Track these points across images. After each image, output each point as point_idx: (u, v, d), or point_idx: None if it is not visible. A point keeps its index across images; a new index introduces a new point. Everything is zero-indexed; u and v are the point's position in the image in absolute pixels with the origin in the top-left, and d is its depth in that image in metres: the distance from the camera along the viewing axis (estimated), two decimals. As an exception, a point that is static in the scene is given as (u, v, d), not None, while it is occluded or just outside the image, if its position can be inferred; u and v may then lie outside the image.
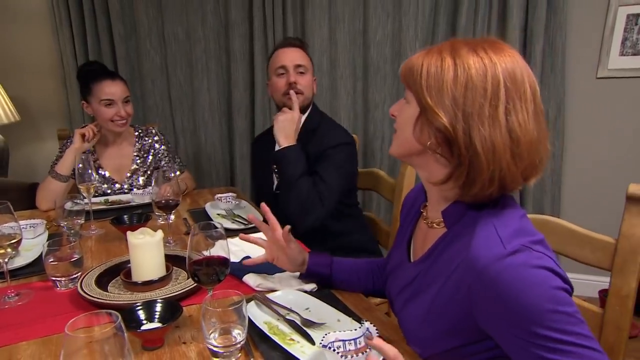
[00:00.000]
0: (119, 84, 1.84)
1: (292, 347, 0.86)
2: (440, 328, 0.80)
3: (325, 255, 1.15)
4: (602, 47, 2.30)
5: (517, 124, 0.73)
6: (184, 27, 2.76)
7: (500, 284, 0.68)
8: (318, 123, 1.69)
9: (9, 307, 1.05)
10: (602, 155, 2.43)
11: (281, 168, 1.54)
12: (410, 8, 2.46)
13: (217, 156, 2.93)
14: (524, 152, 0.73)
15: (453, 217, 0.83)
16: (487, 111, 0.72)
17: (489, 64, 0.73)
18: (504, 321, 0.70)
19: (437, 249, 0.85)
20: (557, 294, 0.67)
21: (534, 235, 0.74)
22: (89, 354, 0.57)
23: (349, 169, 1.63)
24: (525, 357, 0.69)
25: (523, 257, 0.69)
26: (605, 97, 2.36)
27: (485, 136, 0.72)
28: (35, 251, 1.31)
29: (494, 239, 0.72)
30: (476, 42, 0.77)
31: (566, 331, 0.66)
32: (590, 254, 1.10)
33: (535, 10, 2.26)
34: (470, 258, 0.72)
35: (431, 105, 0.75)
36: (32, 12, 2.84)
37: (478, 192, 0.76)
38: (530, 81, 0.75)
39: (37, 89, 2.94)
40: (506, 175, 0.74)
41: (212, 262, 0.92)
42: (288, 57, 1.65)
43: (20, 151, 2.97)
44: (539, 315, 0.66)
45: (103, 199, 1.83)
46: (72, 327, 0.57)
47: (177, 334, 0.94)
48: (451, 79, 0.73)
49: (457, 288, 0.76)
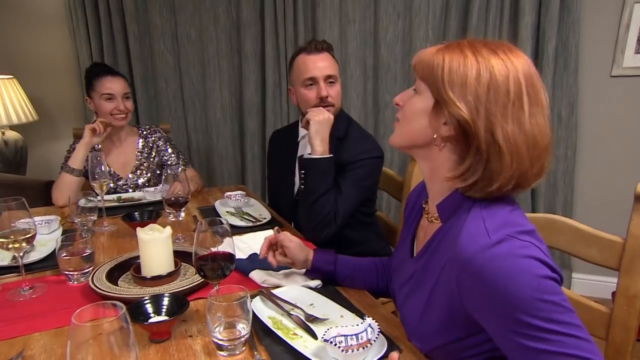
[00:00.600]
0: (119, 80, 1.93)
1: (295, 341, 0.88)
2: (438, 322, 0.81)
3: (330, 253, 1.16)
4: (617, 45, 2.27)
5: (535, 125, 0.75)
6: (197, 27, 2.80)
7: (485, 274, 0.69)
8: (345, 132, 1.60)
9: (24, 299, 1.08)
10: (616, 155, 2.39)
11: (308, 178, 1.44)
12: (421, 8, 2.46)
13: (228, 155, 2.96)
14: (541, 155, 0.76)
15: (447, 210, 0.85)
16: (511, 111, 0.74)
17: (511, 67, 0.75)
18: (491, 311, 0.71)
19: (433, 243, 0.87)
20: (543, 283, 0.68)
21: (523, 226, 0.75)
22: (95, 344, 0.59)
23: (370, 182, 1.56)
24: (513, 347, 0.70)
25: (508, 247, 0.70)
26: (620, 95, 2.32)
27: (509, 135, 0.74)
28: (50, 246, 1.35)
29: (481, 230, 0.73)
30: (494, 44, 0.78)
31: (553, 320, 0.67)
32: (598, 254, 1.09)
33: (548, 9, 2.24)
34: (457, 250, 0.74)
35: (452, 99, 0.76)
36: (50, 14, 2.91)
37: (495, 191, 0.77)
38: (543, 87, 0.77)
39: (54, 89, 3.01)
40: (522, 175, 0.76)
41: (217, 258, 0.94)
42: (317, 67, 1.53)
43: (38, 150, 3.05)
44: (524, 304, 0.67)
45: (116, 197, 1.88)
46: (79, 317, 0.59)
47: (184, 328, 0.96)
48: (474, 76, 0.75)
49: (449, 281, 0.77)
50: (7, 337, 0.92)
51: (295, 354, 0.84)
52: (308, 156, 1.46)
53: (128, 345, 0.60)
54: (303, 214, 1.48)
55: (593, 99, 2.37)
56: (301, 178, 1.46)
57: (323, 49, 1.56)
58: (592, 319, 1.09)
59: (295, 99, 1.64)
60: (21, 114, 2.68)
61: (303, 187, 1.46)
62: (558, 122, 2.41)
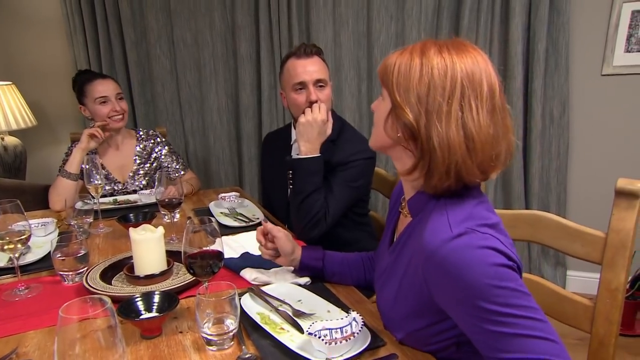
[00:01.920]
0: (110, 82, 1.96)
1: (281, 335, 0.90)
2: (407, 310, 0.85)
3: (318, 249, 1.19)
4: (607, 44, 2.29)
5: (470, 121, 0.77)
6: (193, 31, 2.83)
7: (446, 266, 0.73)
8: (337, 134, 1.60)
9: (19, 299, 1.11)
10: (608, 152, 2.42)
11: (296, 178, 1.47)
12: (414, 10, 2.49)
13: (225, 157, 2.99)
14: (479, 148, 0.78)
15: (416, 206, 0.89)
16: (444, 109, 0.77)
17: (450, 64, 0.78)
18: (453, 299, 0.75)
19: (403, 237, 0.91)
20: (499, 270, 0.72)
21: (486, 219, 0.79)
22: (81, 337, 0.61)
23: (361, 183, 1.57)
24: (476, 332, 0.75)
25: (467, 239, 0.74)
26: (611, 94, 2.35)
27: (441, 132, 0.77)
28: (46, 248, 1.38)
29: (444, 224, 0.77)
30: (444, 43, 0.81)
31: (510, 304, 0.71)
32: (581, 248, 1.11)
33: (538, 9, 2.27)
34: (422, 244, 0.78)
35: (399, 102, 0.80)
36: (47, 19, 2.95)
37: (437, 184, 0.81)
38: (488, 81, 0.79)
39: (53, 95, 3.04)
40: (462, 168, 0.78)
41: (206, 256, 0.97)
42: (307, 71, 1.54)
43: (37, 154, 3.08)
44: (481, 291, 0.71)
45: (112, 199, 1.90)
46: (66, 311, 0.61)
47: (175, 324, 0.98)
48: (417, 78, 0.78)
49: (415, 273, 0.82)
50: (2, 336, 0.95)
51: (282, 347, 0.87)
52: (295, 157, 1.48)
53: (115, 338, 0.63)
54: (293, 214, 1.50)
55: (584, 98, 2.40)
56: (289, 179, 1.49)
57: (312, 53, 1.57)
58: (576, 312, 1.11)
59: (286, 102, 1.66)
60: (20, 119, 2.71)
61: (292, 188, 1.49)
62: (550, 121, 2.43)
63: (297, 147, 1.52)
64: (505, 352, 0.72)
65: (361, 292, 1.15)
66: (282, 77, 1.64)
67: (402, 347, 0.89)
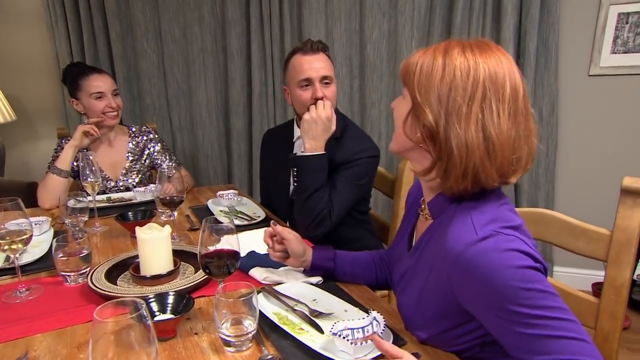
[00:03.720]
0: (107, 77, 1.91)
1: (302, 336, 0.89)
2: (431, 313, 0.85)
3: (329, 249, 1.18)
4: (594, 45, 2.35)
5: (491, 123, 0.76)
6: (181, 26, 2.77)
7: (473, 269, 0.73)
8: (341, 132, 1.59)
9: (20, 301, 1.07)
10: (595, 151, 2.48)
11: (300, 176, 1.45)
12: (406, 7, 2.50)
13: (214, 154, 2.95)
14: (498, 150, 0.77)
15: (437, 208, 0.88)
16: (464, 110, 0.76)
17: (473, 65, 0.77)
18: (481, 303, 0.75)
19: (425, 239, 0.91)
20: (526, 273, 0.72)
21: (510, 221, 0.79)
22: (115, 340, 0.59)
23: (365, 181, 1.57)
24: (506, 334, 0.74)
25: (493, 242, 0.73)
26: (598, 94, 2.41)
27: (459, 134, 0.76)
28: (42, 248, 1.33)
29: (469, 227, 0.76)
30: (468, 43, 0.80)
31: (539, 306, 0.71)
32: (585, 245, 1.13)
33: (529, 9, 2.31)
34: (447, 247, 0.77)
35: (419, 102, 0.79)
36: (27, 10, 2.84)
37: (453, 185, 0.80)
38: (512, 83, 0.78)
39: (33, 88, 2.94)
40: (479, 171, 0.78)
41: (223, 255, 0.95)
42: (313, 67, 1.52)
43: (16, 150, 2.97)
44: (510, 294, 0.71)
45: (105, 197, 1.85)
46: (100, 314, 0.59)
47: (189, 325, 0.96)
48: (439, 78, 0.78)
49: (440, 276, 0.81)
50: (9, 339, 0.91)
51: (303, 348, 0.86)
52: (300, 154, 1.47)
53: (149, 340, 0.61)
54: (297, 212, 1.49)
55: (572, 97, 2.45)
56: (294, 176, 1.47)
57: (319, 49, 1.56)
58: (581, 309, 1.13)
59: (290, 99, 1.63)
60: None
61: (296, 185, 1.47)
62: (539, 120, 2.48)
63: (302, 144, 1.50)
64: (537, 354, 0.72)
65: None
66: (287, 73, 1.62)
67: (424, 346, 0.89)
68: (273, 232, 1.16)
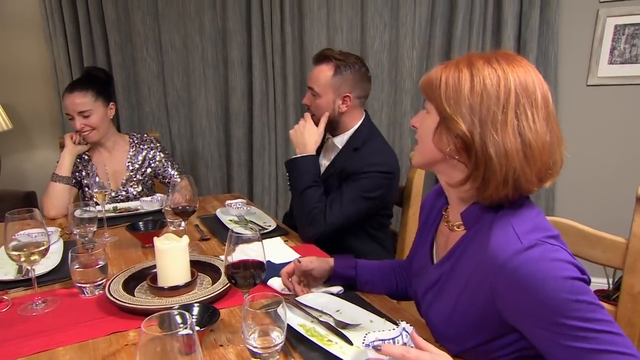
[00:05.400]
0: (76, 97, 1.80)
1: (331, 347, 0.88)
2: (466, 326, 0.84)
3: (350, 258, 1.17)
4: (592, 56, 2.40)
5: (527, 128, 0.77)
6: (181, 35, 2.77)
7: (519, 279, 0.72)
8: (363, 143, 1.60)
9: (37, 314, 1.04)
10: (593, 160, 2.52)
11: (291, 177, 1.56)
12: (407, 18, 2.53)
13: (214, 163, 2.93)
14: (537, 154, 0.78)
15: (471, 218, 0.87)
16: (499, 117, 0.77)
17: (502, 75, 0.78)
18: (528, 314, 0.74)
19: (458, 250, 0.89)
20: (575, 284, 0.71)
21: (550, 230, 0.79)
22: (162, 352, 0.58)
23: (376, 195, 1.54)
24: (552, 347, 0.73)
25: (539, 251, 0.73)
26: (595, 103, 2.46)
27: (497, 141, 0.77)
28: (54, 259, 1.30)
29: (511, 235, 0.76)
30: (491, 55, 0.82)
31: (588, 319, 0.70)
32: (602, 254, 1.15)
33: (529, 21, 2.35)
34: (490, 256, 0.76)
35: (450, 114, 0.80)
36: (25, 19, 2.81)
37: (493, 193, 0.80)
38: (542, 90, 0.79)
39: (29, 97, 2.90)
40: (520, 176, 0.78)
41: (249, 265, 0.94)
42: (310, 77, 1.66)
43: (12, 159, 2.92)
44: (560, 306, 0.70)
45: (112, 207, 1.83)
46: (146, 325, 0.58)
47: (213, 337, 0.95)
48: (468, 89, 0.79)
49: (479, 286, 0.80)
50: (31, 353, 0.89)
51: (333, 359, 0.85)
52: (289, 159, 1.58)
53: (195, 351, 0.60)
54: (295, 214, 1.56)
55: (571, 106, 2.50)
56: (287, 180, 1.57)
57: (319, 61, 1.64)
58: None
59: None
60: (-5, 122, 2.57)
61: (289, 187, 1.57)
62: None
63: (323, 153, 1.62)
64: None
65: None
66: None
67: (454, 356, 0.89)
68: (291, 272, 1.13)
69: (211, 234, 1.58)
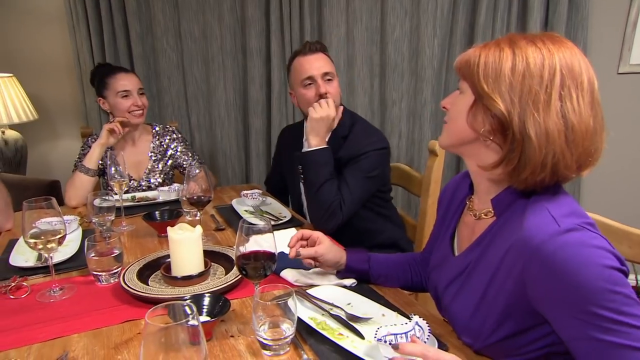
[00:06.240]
0: (133, 76, 1.95)
1: (342, 341, 0.87)
2: (494, 316, 0.80)
3: (362, 251, 1.16)
4: (624, 42, 2.30)
5: (571, 110, 0.74)
6: (200, 25, 2.76)
7: (556, 261, 0.69)
8: (349, 129, 1.61)
9: (54, 300, 1.06)
10: (624, 151, 2.42)
11: (307, 171, 1.49)
12: (429, 5, 2.47)
13: (232, 153, 2.94)
14: (579, 139, 0.74)
15: (503, 204, 0.84)
16: (542, 97, 0.74)
17: (547, 54, 0.75)
18: (559, 300, 0.70)
19: (487, 238, 0.86)
20: (614, 274, 0.68)
21: (587, 217, 0.75)
22: (165, 342, 0.58)
23: (376, 173, 1.56)
24: (579, 338, 0.70)
25: (579, 236, 0.70)
26: (627, 92, 2.36)
27: (539, 121, 0.74)
28: (72, 247, 1.33)
29: (548, 218, 0.73)
30: (535, 36, 0.79)
31: (622, 312, 0.67)
32: (628, 249, 1.10)
33: (557, 6, 2.26)
34: (524, 238, 0.73)
35: (487, 92, 0.77)
36: (49, 11, 2.85)
37: (529, 177, 0.76)
38: (588, 74, 0.76)
39: (54, 87, 2.95)
40: (559, 160, 0.75)
41: (260, 257, 0.93)
42: (314, 66, 1.57)
43: (38, 149, 2.99)
44: (595, 295, 0.67)
45: (130, 196, 1.85)
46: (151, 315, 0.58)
47: (224, 328, 0.95)
48: (509, 67, 0.76)
49: (510, 272, 0.77)
50: (47, 339, 0.91)
51: (344, 353, 0.84)
52: (304, 150, 1.52)
53: (199, 343, 0.60)
54: (309, 207, 1.53)
55: (601, 95, 2.39)
56: (300, 173, 1.52)
57: (317, 50, 1.61)
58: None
59: (297, 101, 1.68)
60: (21, 112, 2.63)
61: (303, 181, 1.52)
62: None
63: (306, 142, 1.54)
64: None
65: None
66: (291, 77, 1.68)
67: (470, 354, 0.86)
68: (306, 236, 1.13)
69: (226, 224, 1.58)
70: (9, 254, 1.28)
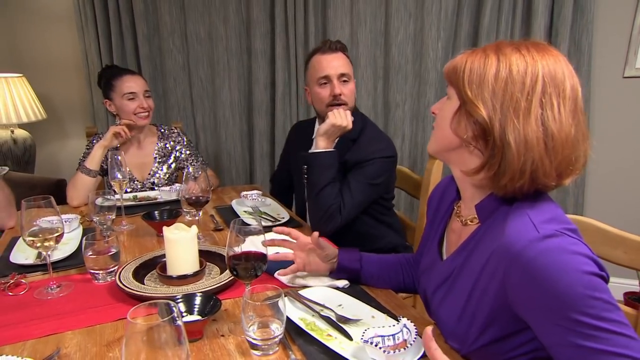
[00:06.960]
0: (139, 78, 1.96)
1: (330, 342, 0.88)
2: (478, 322, 0.81)
3: (355, 251, 1.16)
4: (630, 46, 2.28)
5: (551, 118, 0.74)
6: (206, 26, 2.79)
7: (536, 268, 0.69)
8: (359, 133, 1.60)
9: (51, 297, 1.09)
10: (629, 155, 2.40)
11: (310, 172, 1.50)
12: (433, 8, 2.46)
13: (237, 154, 2.96)
14: (559, 147, 0.74)
15: (486, 210, 0.85)
16: (523, 105, 0.74)
17: (530, 61, 0.75)
18: (539, 306, 0.70)
19: (471, 243, 0.87)
20: (593, 280, 0.68)
21: (569, 223, 0.75)
22: (147, 340, 0.59)
23: (380, 181, 1.55)
24: (560, 344, 0.70)
25: (558, 242, 0.70)
26: (633, 96, 2.33)
27: (518, 128, 0.74)
28: (72, 245, 1.35)
29: (528, 225, 0.73)
30: (521, 43, 0.79)
31: (602, 318, 0.67)
32: (623, 255, 1.09)
33: (561, 9, 2.25)
34: (504, 244, 0.73)
35: (471, 98, 0.77)
36: (58, 12, 2.90)
37: (508, 183, 0.77)
38: (571, 82, 0.76)
39: (62, 87, 3.00)
40: (538, 168, 0.75)
41: (250, 257, 0.94)
42: (331, 65, 1.57)
43: (46, 148, 3.04)
44: (575, 301, 0.67)
45: (132, 195, 1.87)
46: (133, 314, 0.59)
47: (215, 327, 0.96)
48: (493, 74, 0.76)
49: (492, 277, 0.77)
50: (41, 335, 0.93)
51: (332, 354, 0.84)
52: (311, 151, 1.52)
53: (181, 342, 0.61)
54: (309, 208, 1.54)
55: (606, 99, 2.38)
56: (304, 173, 1.52)
57: (337, 49, 1.61)
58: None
59: (310, 98, 1.68)
60: (30, 112, 2.68)
61: (306, 181, 1.52)
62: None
63: (315, 142, 1.53)
64: None
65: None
66: (307, 73, 1.67)
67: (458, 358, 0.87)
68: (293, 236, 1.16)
69: (225, 225, 1.59)
70: (10, 251, 1.31)
